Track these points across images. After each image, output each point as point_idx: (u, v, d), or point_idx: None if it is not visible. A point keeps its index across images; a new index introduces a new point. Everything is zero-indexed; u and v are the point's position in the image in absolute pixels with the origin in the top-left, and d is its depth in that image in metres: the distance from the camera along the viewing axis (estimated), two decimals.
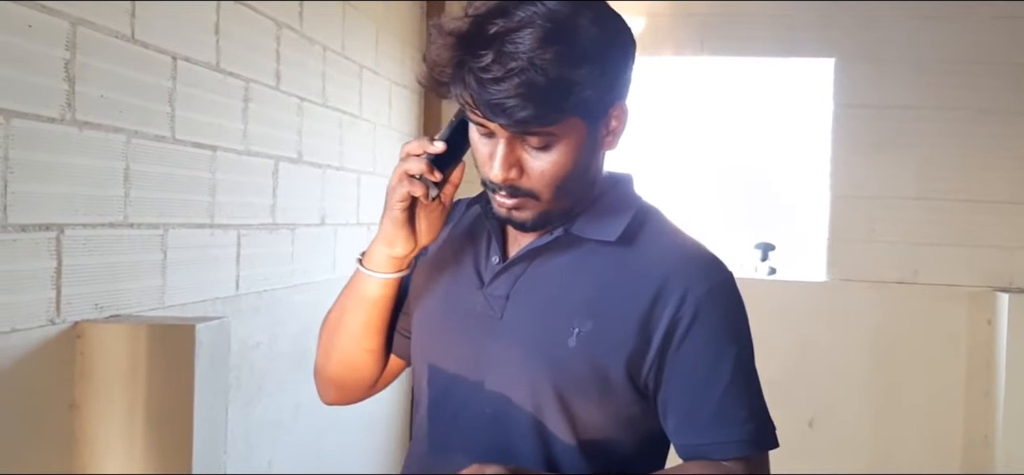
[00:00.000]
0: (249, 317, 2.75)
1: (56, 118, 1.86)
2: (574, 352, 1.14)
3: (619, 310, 1.14)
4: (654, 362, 1.14)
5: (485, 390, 1.20)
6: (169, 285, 2.29)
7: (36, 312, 1.83)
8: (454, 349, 1.25)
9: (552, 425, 1.16)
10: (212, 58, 2.46)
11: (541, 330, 1.17)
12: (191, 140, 2.37)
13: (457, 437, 1.22)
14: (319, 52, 3.22)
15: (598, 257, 1.18)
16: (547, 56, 1.03)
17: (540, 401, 1.16)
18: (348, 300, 1.35)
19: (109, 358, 1.95)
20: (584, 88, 1.06)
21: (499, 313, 1.20)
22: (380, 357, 1.38)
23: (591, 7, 1.10)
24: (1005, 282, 4.14)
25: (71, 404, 1.94)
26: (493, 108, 1.06)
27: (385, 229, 1.24)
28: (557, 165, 1.12)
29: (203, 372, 2.01)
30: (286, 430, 3.06)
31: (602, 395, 1.15)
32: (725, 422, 1.14)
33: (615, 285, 1.16)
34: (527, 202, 1.15)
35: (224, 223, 2.57)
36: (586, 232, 1.19)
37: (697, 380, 1.14)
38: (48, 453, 1.89)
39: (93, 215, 1.99)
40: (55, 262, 1.88)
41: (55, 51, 1.85)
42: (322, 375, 1.43)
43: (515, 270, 1.21)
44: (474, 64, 1.06)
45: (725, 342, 1.15)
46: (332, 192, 3.38)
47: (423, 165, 1.19)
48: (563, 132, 1.10)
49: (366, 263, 1.29)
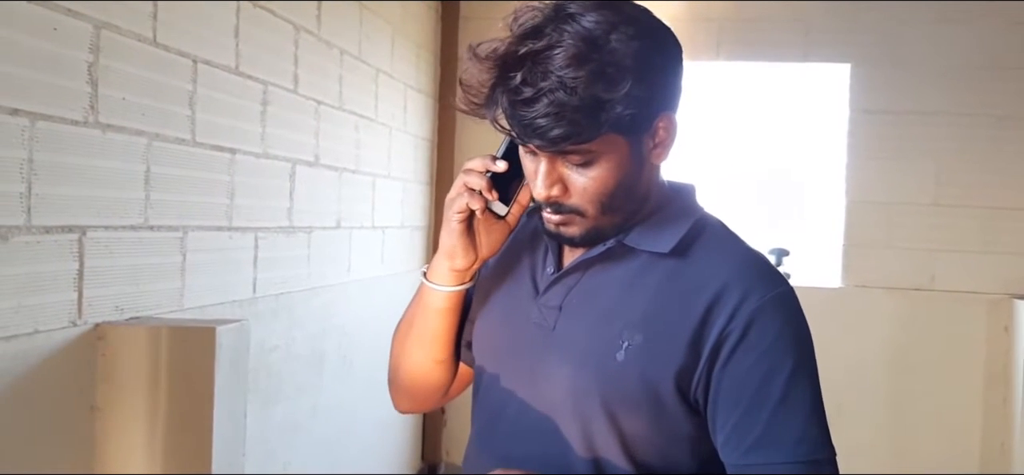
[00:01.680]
0: (266, 320, 2.76)
1: (79, 121, 1.87)
2: (623, 366, 1.12)
3: (670, 323, 1.12)
4: (702, 376, 1.11)
5: (539, 402, 1.19)
6: (188, 287, 2.30)
7: (58, 314, 1.84)
8: (510, 359, 1.24)
9: (601, 441, 1.14)
10: (232, 61, 2.47)
11: (591, 343, 1.15)
12: (211, 143, 2.38)
13: (514, 448, 1.21)
14: (336, 55, 3.22)
15: (652, 269, 1.16)
16: (578, 75, 1.03)
17: (589, 415, 1.14)
18: (415, 313, 1.35)
19: (130, 360, 1.95)
20: (619, 105, 1.04)
21: (552, 324, 1.19)
22: (449, 367, 1.38)
23: (630, 20, 1.08)
24: (1023, 289, 4.12)
25: (92, 406, 1.94)
26: (526, 129, 1.06)
27: (444, 241, 1.24)
28: (599, 181, 1.11)
29: (223, 374, 2.02)
30: (303, 432, 3.06)
31: (654, 411, 1.13)
32: (774, 443, 1.09)
33: (668, 298, 1.14)
34: (573, 219, 1.14)
35: (242, 226, 2.57)
36: (640, 243, 1.17)
37: (746, 396, 1.09)
38: (69, 454, 1.90)
39: (114, 217, 2.00)
40: (77, 264, 1.88)
41: (79, 54, 1.86)
42: (394, 385, 1.43)
43: (568, 281, 1.20)
44: (506, 86, 1.06)
45: (779, 357, 1.10)
46: (348, 195, 3.39)
47: (483, 182, 1.19)
48: (603, 149, 1.09)
49: (429, 276, 1.29)
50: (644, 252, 1.17)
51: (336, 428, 3.36)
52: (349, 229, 3.42)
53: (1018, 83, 4.13)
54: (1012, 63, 4.13)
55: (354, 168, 3.44)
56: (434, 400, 1.44)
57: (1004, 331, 4.10)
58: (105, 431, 1.94)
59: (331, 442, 3.33)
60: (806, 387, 1.11)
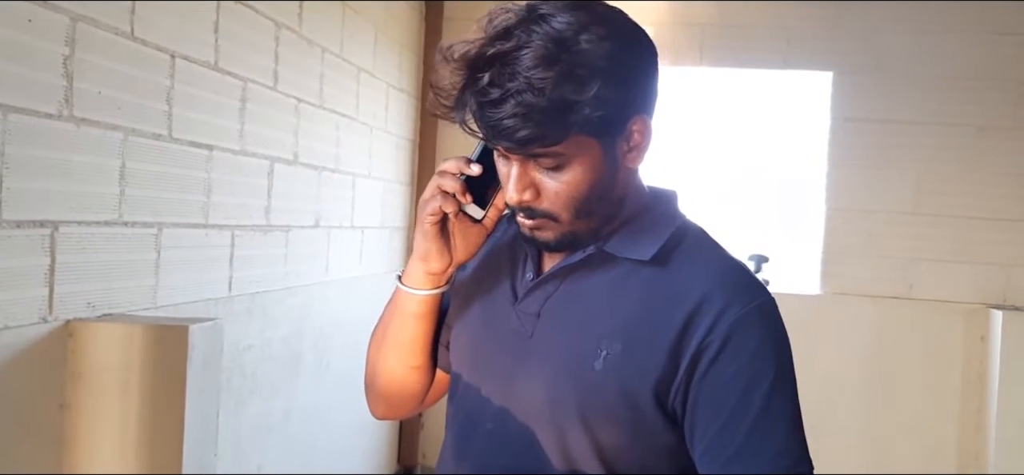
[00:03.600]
0: (241, 319, 2.73)
1: (53, 114, 1.84)
2: (601, 375, 1.10)
3: (650, 333, 1.10)
4: (681, 386, 1.09)
5: (516, 409, 1.17)
6: (162, 285, 2.27)
7: (28, 310, 1.81)
8: (487, 366, 1.23)
9: (578, 450, 1.13)
10: (211, 57, 2.45)
11: (569, 351, 1.14)
12: (188, 139, 2.35)
13: (490, 457, 1.19)
14: (318, 53, 3.20)
15: (632, 277, 1.14)
16: (546, 76, 1.01)
17: (565, 424, 1.13)
18: (390, 317, 1.33)
19: (101, 358, 1.93)
20: (588, 107, 1.03)
21: (530, 331, 1.18)
22: (425, 372, 1.36)
23: (602, 21, 1.07)
24: (1000, 299, 4.15)
25: (62, 404, 1.91)
26: (493, 130, 1.05)
27: (418, 243, 1.23)
28: (572, 186, 1.10)
29: (196, 374, 2.00)
30: (277, 433, 3.04)
31: (631, 422, 1.11)
32: (754, 456, 1.06)
33: (647, 306, 1.12)
34: (547, 223, 1.13)
35: (219, 223, 2.55)
36: (620, 251, 1.16)
37: (726, 408, 1.07)
38: (38, 453, 1.87)
39: (88, 213, 1.97)
40: (49, 259, 1.85)
41: (54, 47, 1.83)
42: (370, 391, 1.41)
43: (547, 288, 1.19)
44: (475, 87, 1.05)
45: (759, 369, 1.07)
46: (327, 195, 3.36)
47: (457, 185, 1.17)
48: (573, 151, 1.07)
49: (404, 280, 1.28)
50: (624, 259, 1.15)
51: (311, 430, 3.34)
52: (328, 229, 3.40)
53: (998, 94, 4.16)
54: (992, 74, 4.16)
55: (334, 167, 3.42)
56: (411, 406, 1.41)
57: (980, 340, 4.12)
58: (74, 430, 1.92)
59: (305, 444, 3.31)
60: (786, 400, 1.10)
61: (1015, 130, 4.14)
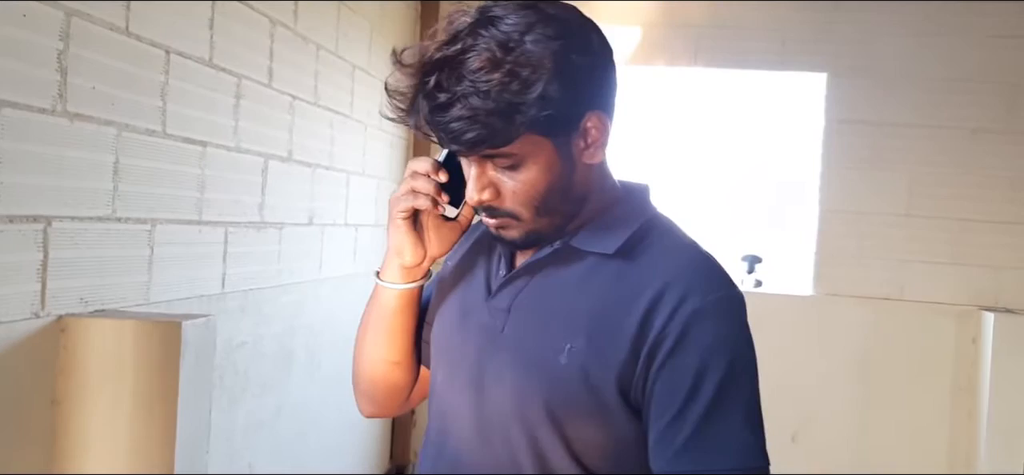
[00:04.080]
0: (234, 316, 2.73)
1: (47, 109, 1.83)
2: (565, 369, 1.11)
3: (613, 326, 1.11)
4: (640, 378, 1.10)
5: (488, 404, 1.18)
6: (155, 281, 2.26)
7: (20, 305, 1.80)
8: (462, 361, 1.23)
9: (547, 443, 1.13)
10: (205, 53, 2.44)
11: (536, 346, 1.15)
12: (182, 135, 2.34)
13: (464, 452, 1.20)
14: (313, 51, 3.20)
15: (598, 271, 1.15)
16: (490, 78, 1.03)
17: (534, 419, 1.13)
18: (369, 313, 1.34)
19: (93, 354, 1.92)
20: (534, 107, 1.04)
21: (501, 326, 1.19)
22: (406, 369, 1.37)
23: (551, 20, 1.07)
24: (991, 301, 4.16)
25: (53, 399, 1.91)
26: (443, 134, 1.07)
27: (390, 239, 1.25)
28: (528, 184, 1.11)
29: (188, 370, 1.99)
30: (269, 430, 3.03)
31: (598, 415, 1.11)
32: (702, 448, 1.06)
33: (611, 300, 1.12)
34: (509, 222, 1.15)
35: (212, 220, 2.54)
36: (586, 245, 1.16)
37: (678, 399, 1.07)
38: (28, 449, 1.86)
39: (81, 208, 1.97)
40: (41, 255, 1.85)
41: (49, 41, 1.83)
42: (357, 389, 1.42)
43: (518, 283, 1.20)
44: (424, 91, 1.07)
45: (713, 361, 1.07)
46: (321, 192, 3.36)
47: (430, 187, 1.19)
48: (526, 151, 1.09)
49: (381, 275, 1.29)
50: (591, 254, 1.16)
51: (303, 427, 3.33)
52: (321, 226, 3.40)
53: (991, 96, 4.17)
54: (985, 77, 4.18)
55: (328, 164, 3.41)
56: (397, 403, 1.41)
57: (972, 342, 4.14)
58: (65, 425, 1.91)
59: (297, 441, 3.30)
60: (741, 393, 1.09)
61: (1008, 133, 4.16)
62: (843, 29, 4.27)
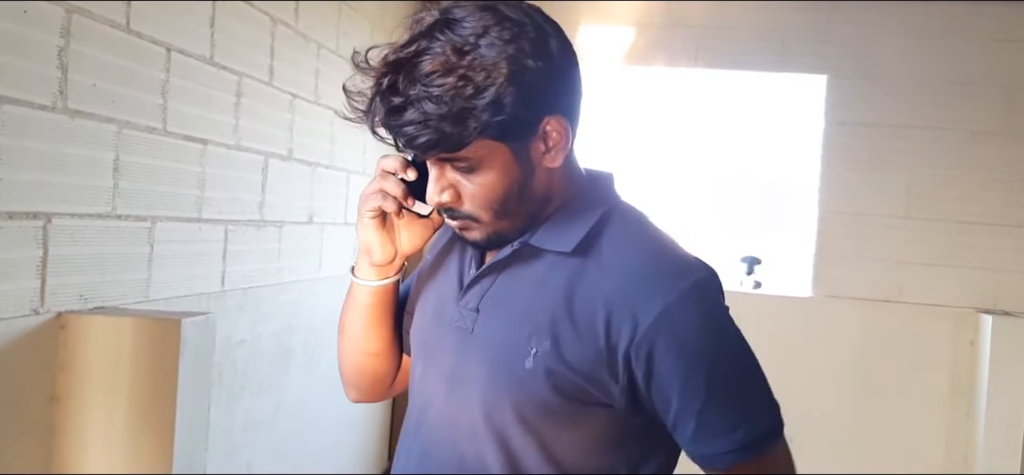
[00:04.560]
0: (233, 314, 2.73)
1: (48, 106, 1.84)
2: (531, 373, 1.11)
3: (578, 328, 1.10)
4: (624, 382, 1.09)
5: (458, 403, 1.18)
6: (154, 279, 2.27)
7: (20, 301, 1.81)
8: (435, 358, 1.24)
9: (518, 445, 1.13)
10: (206, 51, 2.44)
11: (503, 348, 1.14)
12: (182, 133, 2.35)
13: (435, 449, 1.20)
14: (313, 49, 3.20)
15: (558, 269, 1.14)
16: (443, 83, 1.03)
17: (502, 420, 1.13)
18: (348, 307, 1.36)
19: (92, 350, 1.93)
20: (486, 113, 1.03)
21: (470, 326, 1.19)
22: (386, 360, 1.38)
23: (508, 23, 1.06)
24: (989, 303, 4.17)
25: (52, 396, 1.91)
26: (397, 136, 1.08)
27: (360, 238, 1.26)
28: (487, 187, 1.11)
29: (187, 368, 1.99)
30: (267, 429, 3.04)
31: (567, 417, 1.12)
32: (710, 435, 1.08)
33: (573, 300, 1.11)
34: (469, 224, 1.14)
35: (212, 218, 2.55)
36: (545, 243, 1.15)
37: (674, 401, 1.09)
38: (27, 445, 1.87)
39: (81, 205, 1.97)
40: (41, 251, 1.85)
41: (49, 38, 1.83)
42: (342, 377, 1.44)
43: (484, 283, 1.20)
44: (380, 92, 1.07)
45: (693, 358, 1.08)
46: (321, 191, 3.36)
47: (399, 190, 1.20)
48: (482, 155, 1.08)
49: (355, 272, 1.30)
50: (550, 252, 1.15)
51: (301, 425, 3.34)
52: (321, 225, 3.40)
53: (990, 99, 4.17)
54: (984, 79, 4.18)
55: (328, 163, 3.42)
56: (381, 391, 1.43)
57: (970, 345, 4.14)
58: (64, 422, 1.91)
59: (296, 439, 3.30)
60: (729, 374, 1.11)
61: (1007, 135, 4.16)
62: (843, 31, 4.28)
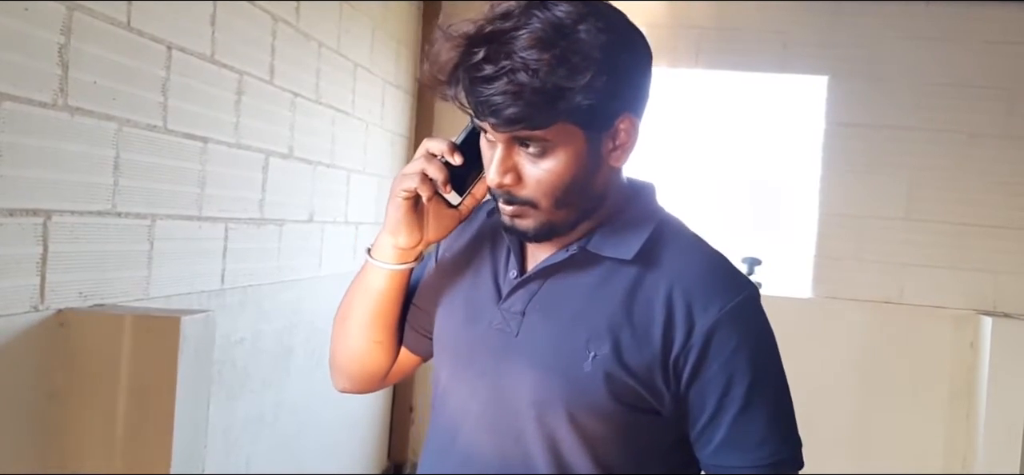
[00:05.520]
0: (234, 312, 2.73)
1: (48, 103, 1.83)
2: (590, 376, 1.12)
3: (635, 333, 1.12)
4: (670, 386, 1.13)
5: (501, 406, 1.18)
6: (154, 276, 2.27)
7: (19, 298, 1.80)
8: (471, 363, 1.23)
9: (566, 447, 1.14)
10: (207, 49, 2.44)
11: (557, 351, 1.15)
12: (182, 131, 2.35)
13: (476, 452, 1.20)
14: (314, 48, 3.20)
15: (616, 276, 1.16)
16: (541, 58, 1.03)
17: (553, 422, 1.14)
18: (356, 290, 1.34)
19: (92, 348, 1.92)
20: (577, 94, 1.04)
21: (515, 330, 1.18)
22: (388, 349, 1.36)
23: (602, 15, 1.08)
24: (989, 305, 4.17)
25: (51, 393, 1.91)
26: (482, 106, 1.06)
27: (389, 217, 1.23)
28: (553, 174, 1.10)
29: (187, 366, 1.99)
30: (267, 428, 3.04)
31: (620, 421, 1.13)
32: (737, 448, 1.13)
33: (632, 306, 1.13)
34: (526, 210, 1.13)
35: (212, 216, 2.54)
36: (603, 250, 1.17)
37: (710, 406, 1.13)
38: (26, 442, 1.86)
39: (81, 202, 1.97)
40: (41, 248, 1.85)
41: (50, 35, 1.83)
42: (333, 363, 1.42)
43: (531, 286, 1.19)
44: (469, 63, 1.06)
45: (738, 368, 1.12)
46: (321, 189, 3.36)
47: (440, 174, 1.18)
48: (558, 139, 1.08)
49: (373, 253, 1.28)
50: (608, 259, 1.16)
51: (301, 424, 3.34)
52: (321, 223, 3.40)
53: (990, 102, 4.17)
54: (984, 82, 4.18)
55: (329, 162, 3.42)
56: (373, 382, 1.41)
57: (970, 346, 4.14)
58: (63, 419, 1.91)
59: (295, 438, 3.30)
60: (767, 392, 1.15)
61: (1007, 137, 4.16)
62: (844, 33, 4.28)
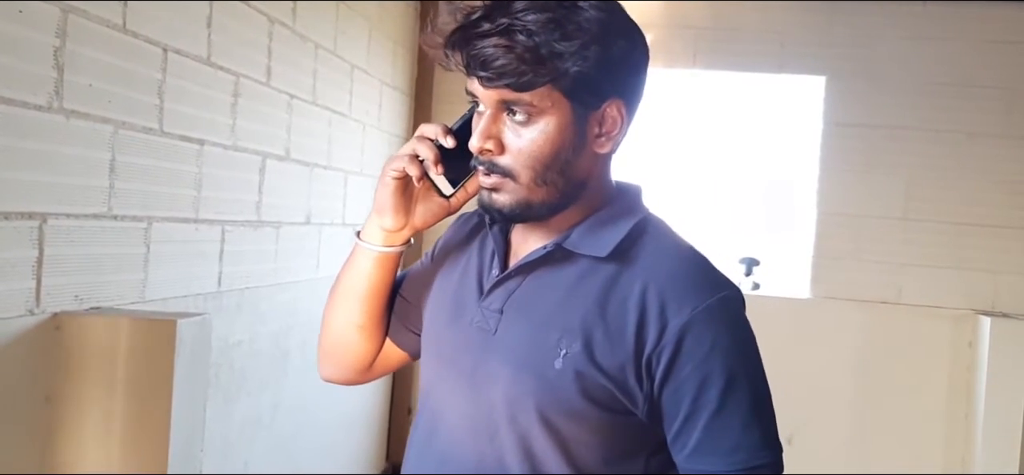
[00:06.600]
0: (231, 314, 2.72)
1: (43, 106, 1.83)
2: (560, 374, 1.11)
3: (608, 332, 1.11)
4: (643, 385, 1.11)
5: (478, 405, 1.18)
6: (151, 279, 2.26)
7: (15, 302, 1.80)
8: (453, 360, 1.23)
9: (538, 446, 1.14)
10: (203, 51, 2.44)
11: (530, 349, 1.15)
12: (179, 133, 2.34)
13: (452, 450, 1.20)
14: (311, 50, 3.19)
15: (592, 274, 1.15)
16: (537, 18, 1.05)
17: (525, 421, 1.14)
18: (344, 272, 1.35)
19: (87, 351, 1.92)
20: (568, 60, 1.06)
21: (493, 328, 1.18)
22: (372, 335, 1.36)
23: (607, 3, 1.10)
24: (988, 305, 4.17)
25: (47, 397, 1.90)
26: (473, 59, 1.08)
27: (377, 197, 1.24)
28: (536, 144, 1.10)
29: (183, 369, 1.99)
30: (264, 429, 3.03)
31: (593, 419, 1.12)
32: (711, 452, 1.10)
33: (605, 304, 1.13)
34: (505, 183, 1.13)
35: (209, 218, 2.54)
36: (580, 247, 1.16)
37: (684, 408, 1.10)
38: (21, 446, 1.86)
39: (77, 205, 1.96)
40: (36, 251, 1.85)
41: (45, 38, 1.83)
42: (320, 348, 1.42)
43: (510, 284, 1.20)
44: (469, 23, 1.09)
45: (712, 369, 1.09)
46: (318, 191, 3.36)
47: (431, 154, 1.18)
48: (544, 106, 1.09)
49: (361, 235, 1.30)
50: (584, 256, 1.16)
51: (298, 426, 3.33)
52: (319, 225, 3.39)
53: (988, 101, 4.17)
54: (982, 81, 4.18)
55: (326, 164, 3.41)
56: (357, 371, 1.41)
57: (968, 346, 4.14)
58: (59, 423, 1.91)
59: (293, 440, 3.30)
60: (743, 395, 1.11)
61: (1006, 137, 4.16)
62: (842, 32, 4.28)
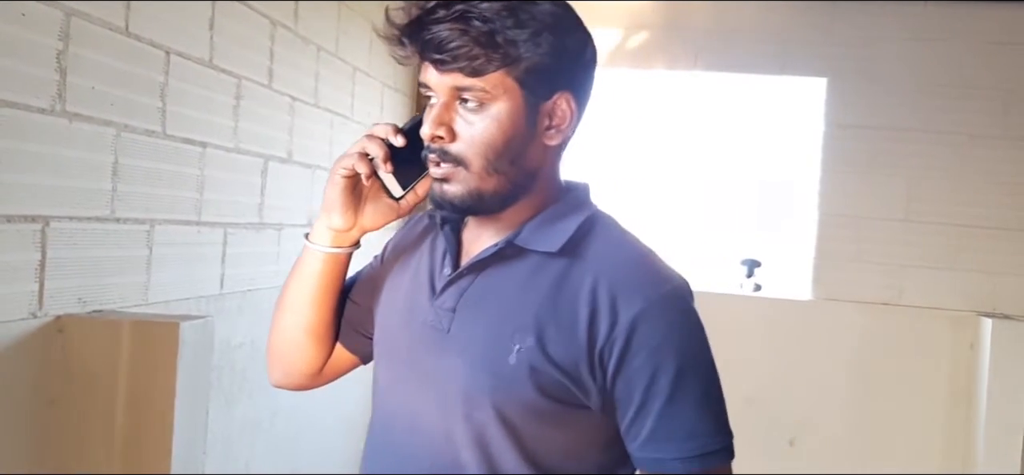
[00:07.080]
0: (232, 317, 2.73)
1: (46, 109, 1.83)
2: (514, 370, 1.12)
3: (560, 326, 1.12)
4: (596, 378, 1.12)
5: (433, 404, 1.18)
6: (153, 282, 2.26)
7: (18, 305, 1.80)
8: (406, 360, 1.23)
9: (495, 443, 1.14)
10: (205, 54, 2.44)
11: (484, 346, 1.15)
12: (181, 136, 2.35)
13: (407, 450, 1.20)
14: (313, 52, 3.20)
15: (543, 269, 1.16)
16: (492, 6, 1.07)
17: (481, 418, 1.14)
18: (292, 276, 1.34)
19: (91, 354, 1.92)
20: (522, 47, 1.08)
21: (447, 326, 1.18)
22: (321, 341, 1.36)
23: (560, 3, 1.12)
24: (989, 307, 4.16)
25: (50, 400, 1.91)
26: (428, 44, 1.09)
27: (325, 194, 1.24)
28: (488, 131, 1.12)
29: (186, 371, 1.99)
30: (265, 432, 3.03)
31: (547, 415, 1.13)
32: (663, 439, 1.11)
33: (557, 299, 1.14)
34: (457, 173, 1.14)
35: (211, 221, 2.54)
36: (530, 243, 1.17)
37: (636, 398, 1.11)
38: (25, 449, 1.86)
39: (79, 208, 1.97)
40: (39, 254, 1.85)
41: (48, 41, 1.83)
42: (268, 352, 1.42)
43: (462, 283, 1.20)
44: (424, 12, 1.10)
45: (663, 360, 1.11)
46: (320, 193, 3.34)
47: (380, 152, 1.19)
48: (497, 93, 1.10)
49: (310, 236, 1.30)
50: (535, 252, 1.17)
51: (299, 428, 3.33)
52: None
53: (989, 103, 4.17)
54: (984, 83, 4.18)
55: (328, 166, 3.41)
56: (306, 376, 1.40)
57: (969, 348, 4.14)
58: (62, 426, 1.91)
59: (294, 442, 3.30)
60: (694, 383, 1.12)
61: (1006, 138, 4.16)
62: (843, 34, 4.28)
